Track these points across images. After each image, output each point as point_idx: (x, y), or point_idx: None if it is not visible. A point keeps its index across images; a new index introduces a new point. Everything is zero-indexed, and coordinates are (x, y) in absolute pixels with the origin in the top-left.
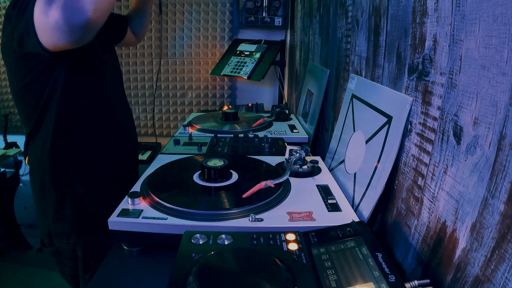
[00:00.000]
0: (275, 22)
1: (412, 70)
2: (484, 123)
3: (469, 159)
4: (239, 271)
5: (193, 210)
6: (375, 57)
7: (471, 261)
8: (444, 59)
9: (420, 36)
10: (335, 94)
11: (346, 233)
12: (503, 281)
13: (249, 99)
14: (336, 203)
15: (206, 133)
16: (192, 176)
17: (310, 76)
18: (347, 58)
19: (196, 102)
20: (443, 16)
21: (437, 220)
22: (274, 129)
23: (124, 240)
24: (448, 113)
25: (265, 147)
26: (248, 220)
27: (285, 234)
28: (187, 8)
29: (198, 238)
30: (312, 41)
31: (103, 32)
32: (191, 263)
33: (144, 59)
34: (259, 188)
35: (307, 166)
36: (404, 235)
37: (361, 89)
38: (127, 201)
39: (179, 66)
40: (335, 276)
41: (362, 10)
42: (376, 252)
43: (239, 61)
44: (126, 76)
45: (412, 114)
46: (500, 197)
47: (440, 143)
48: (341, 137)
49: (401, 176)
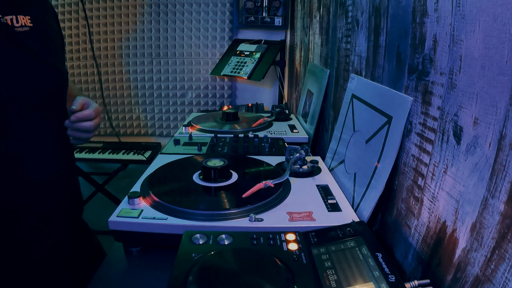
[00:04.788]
0: (275, 22)
1: (412, 70)
2: (484, 123)
3: (469, 159)
4: (239, 271)
5: (193, 210)
6: (375, 57)
7: (471, 261)
8: (444, 59)
9: (420, 36)
10: (335, 94)
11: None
12: (503, 281)
13: (249, 99)
14: (336, 203)
15: (206, 133)
16: (192, 176)
17: (310, 76)
18: (347, 58)
19: (196, 102)
20: (443, 16)
21: (437, 220)
22: (274, 129)
23: (124, 240)
24: (448, 113)
25: (265, 147)
26: (248, 220)
27: (285, 234)
28: (187, 8)
29: (198, 238)
30: (312, 41)
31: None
32: (191, 263)
33: (144, 59)
34: (259, 188)
35: (307, 166)
36: (404, 235)
37: (361, 89)
38: (127, 201)
39: (179, 66)
40: (335, 276)
41: (362, 10)
42: (376, 252)
43: (239, 61)
44: (126, 76)
45: (412, 114)
46: (500, 197)
47: (440, 143)
48: (341, 137)
49: (401, 176)
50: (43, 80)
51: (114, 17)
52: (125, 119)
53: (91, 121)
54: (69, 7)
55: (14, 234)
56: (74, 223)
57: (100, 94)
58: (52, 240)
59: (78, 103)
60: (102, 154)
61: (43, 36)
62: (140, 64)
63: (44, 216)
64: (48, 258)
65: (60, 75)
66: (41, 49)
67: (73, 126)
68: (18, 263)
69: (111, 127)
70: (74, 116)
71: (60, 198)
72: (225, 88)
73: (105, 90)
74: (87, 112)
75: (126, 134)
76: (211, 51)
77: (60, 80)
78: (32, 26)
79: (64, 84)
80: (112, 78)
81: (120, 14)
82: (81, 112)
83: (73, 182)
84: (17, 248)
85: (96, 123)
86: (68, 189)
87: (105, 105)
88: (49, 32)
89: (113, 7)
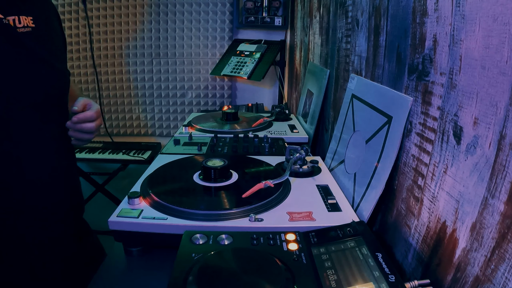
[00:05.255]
0: (275, 22)
1: (412, 70)
2: (484, 123)
3: (469, 159)
4: (239, 271)
5: (193, 210)
6: (375, 57)
7: (471, 261)
8: (444, 59)
9: (420, 36)
10: (335, 94)
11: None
12: (503, 281)
13: (249, 99)
14: (336, 203)
15: (206, 133)
16: (192, 176)
17: (310, 76)
18: (347, 58)
19: (196, 102)
20: (443, 16)
21: (437, 220)
22: (274, 129)
23: (124, 240)
24: (448, 113)
25: (265, 147)
26: (248, 220)
27: (285, 234)
28: (187, 8)
29: (198, 238)
30: (312, 41)
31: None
32: (191, 263)
33: (144, 59)
34: (259, 188)
35: (307, 166)
36: (404, 235)
37: (361, 89)
38: (127, 201)
39: (179, 66)
40: (335, 276)
41: (362, 10)
42: (376, 252)
43: (239, 61)
44: (126, 76)
45: (412, 114)
46: (500, 197)
47: (440, 143)
48: (341, 137)
49: (401, 176)
50: (45, 81)
51: (114, 17)
52: (125, 119)
53: (93, 122)
54: (69, 7)
55: (14, 234)
56: (75, 223)
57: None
58: (52, 240)
59: (79, 104)
60: (102, 154)
61: (45, 37)
62: (140, 64)
63: (44, 216)
64: (48, 258)
65: (61, 76)
66: (43, 49)
67: (75, 127)
68: (19, 263)
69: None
70: (75, 117)
71: (61, 198)
72: (225, 88)
73: (105, 90)
74: (89, 113)
75: (126, 134)
76: (211, 51)
77: (62, 80)
78: (34, 27)
79: (66, 85)
80: (112, 78)
81: (120, 14)
82: (82, 113)
83: (74, 182)
84: (17, 248)
85: (97, 124)
86: (69, 189)
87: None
88: (51, 33)
89: (113, 7)
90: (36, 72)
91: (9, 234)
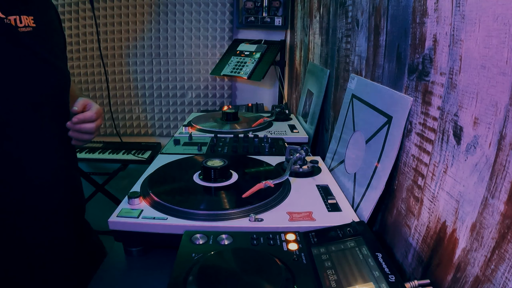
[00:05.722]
0: (275, 22)
1: (412, 70)
2: (484, 123)
3: (469, 159)
4: (239, 271)
5: (193, 210)
6: (375, 57)
7: (471, 261)
8: (444, 59)
9: (420, 36)
10: (335, 94)
11: (346, 233)
12: (503, 281)
13: (249, 99)
14: (336, 203)
15: (206, 133)
16: (192, 176)
17: (310, 76)
18: (347, 58)
19: (196, 102)
20: (443, 16)
21: (437, 220)
22: (274, 129)
23: (124, 240)
24: (448, 113)
25: (265, 147)
26: (248, 220)
27: (285, 234)
28: (187, 8)
29: (198, 238)
30: (312, 41)
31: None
32: (191, 263)
33: (144, 59)
34: (259, 188)
35: (307, 166)
36: (404, 235)
37: (361, 89)
38: (127, 201)
39: (179, 66)
40: (335, 276)
41: (362, 10)
42: (376, 252)
43: (239, 61)
44: (126, 76)
45: (412, 114)
46: (500, 197)
47: (440, 143)
48: (341, 137)
49: (401, 176)
50: (45, 80)
51: (114, 17)
52: (125, 119)
53: (93, 122)
54: (69, 7)
55: (15, 233)
56: (76, 223)
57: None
58: (53, 239)
59: (79, 104)
60: (102, 154)
61: (46, 37)
62: (140, 64)
63: (45, 216)
64: (48, 258)
65: (62, 76)
66: (44, 49)
67: (75, 128)
68: (20, 263)
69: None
70: (75, 117)
71: (62, 198)
72: (225, 88)
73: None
74: (89, 114)
75: (126, 134)
76: (211, 51)
77: (62, 80)
78: (35, 27)
79: (66, 85)
80: (112, 78)
81: (120, 14)
82: (82, 114)
83: (75, 182)
84: (18, 248)
85: (97, 125)
86: (69, 189)
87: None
88: (51, 33)
89: (113, 7)
90: (37, 72)
91: (9, 234)
